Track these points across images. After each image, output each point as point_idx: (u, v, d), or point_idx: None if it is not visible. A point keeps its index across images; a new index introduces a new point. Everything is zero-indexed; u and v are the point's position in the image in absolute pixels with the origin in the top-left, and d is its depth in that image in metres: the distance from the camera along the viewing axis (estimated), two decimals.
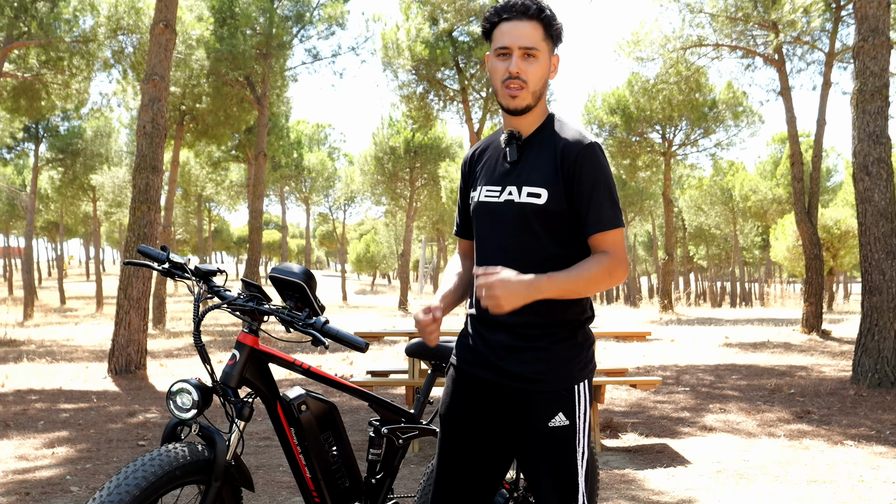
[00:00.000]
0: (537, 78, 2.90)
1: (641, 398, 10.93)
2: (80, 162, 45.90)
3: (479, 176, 3.12)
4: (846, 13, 21.79)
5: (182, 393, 3.09)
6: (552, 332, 2.91)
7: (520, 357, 2.91)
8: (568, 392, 2.91)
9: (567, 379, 2.91)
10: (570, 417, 2.90)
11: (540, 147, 2.95)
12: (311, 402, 3.43)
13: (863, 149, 11.55)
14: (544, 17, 2.90)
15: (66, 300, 58.69)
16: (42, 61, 25.28)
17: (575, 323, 2.95)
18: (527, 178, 2.92)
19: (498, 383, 2.96)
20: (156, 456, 2.88)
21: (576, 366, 2.93)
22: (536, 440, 2.90)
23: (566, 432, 2.90)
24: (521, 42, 2.87)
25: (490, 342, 2.97)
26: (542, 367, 2.89)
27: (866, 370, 11.32)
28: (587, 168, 2.85)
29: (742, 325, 25.55)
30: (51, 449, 7.96)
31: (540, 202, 2.87)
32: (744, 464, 7.09)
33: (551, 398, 2.89)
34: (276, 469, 7.02)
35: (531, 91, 2.91)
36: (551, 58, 2.96)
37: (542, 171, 2.90)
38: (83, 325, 31.35)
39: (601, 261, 2.82)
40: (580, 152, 2.86)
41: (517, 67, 2.87)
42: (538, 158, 2.93)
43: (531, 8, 2.88)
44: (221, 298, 3.31)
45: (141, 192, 13.44)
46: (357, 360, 15.57)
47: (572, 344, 2.94)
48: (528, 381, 2.90)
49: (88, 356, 17.28)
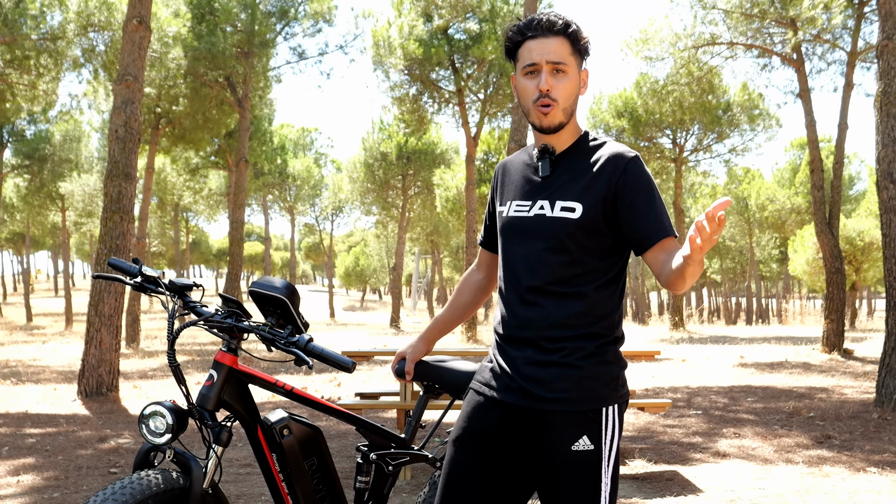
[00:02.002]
0: (567, 94, 3.00)
1: (650, 422, 10.93)
2: (48, 168, 45.85)
3: (508, 191, 3.21)
4: (869, 9, 21.83)
5: (155, 416, 3.10)
6: (580, 346, 2.94)
7: (543, 374, 2.94)
8: (594, 414, 2.92)
9: (594, 400, 2.93)
10: (596, 442, 2.91)
11: (574, 163, 3.04)
12: (295, 426, 3.43)
13: (887, 154, 11.56)
14: (571, 33, 2.99)
15: (32, 317, 58.51)
16: (7, 60, 25.26)
17: (605, 339, 2.99)
18: (560, 192, 3.01)
19: (519, 405, 2.98)
20: (127, 484, 2.88)
21: (604, 387, 2.96)
22: (557, 464, 2.90)
23: (590, 458, 2.90)
24: (550, 57, 2.97)
25: (514, 359, 3.02)
26: (568, 385, 2.91)
27: (891, 392, 11.32)
28: (639, 179, 2.95)
29: (758, 344, 25.55)
30: (16, 477, 7.95)
31: (574, 216, 2.94)
32: (759, 492, 7.09)
33: (576, 419, 2.90)
34: (257, 498, 7.01)
35: (562, 108, 3.00)
36: (580, 73, 3.05)
37: (577, 185, 2.98)
38: (51, 343, 31.28)
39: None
40: (627, 164, 2.96)
41: (547, 84, 2.96)
42: (572, 173, 3.02)
43: (557, 24, 2.98)
44: (198, 315, 3.32)
45: (113, 200, 13.43)
46: (345, 382, 15.57)
47: (601, 361, 2.96)
48: (552, 401, 2.92)
49: (57, 377, 17.26)
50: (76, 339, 32.53)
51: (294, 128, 70.50)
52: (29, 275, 68.05)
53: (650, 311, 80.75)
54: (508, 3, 30.89)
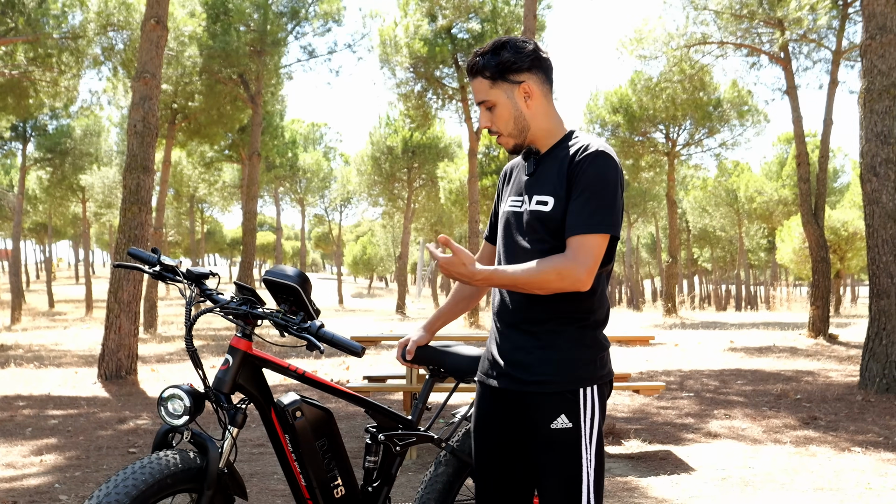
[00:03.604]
0: (503, 122, 3.12)
1: (644, 404, 10.93)
2: (69, 162, 45.83)
3: (508, 189, 3.33)
4: (853, 10, 21.78)
5: (173, 399, 3.09)
6: (560, 331, 3.01)
7: (526, 359, 3.03)
8: (572, 394, 2.98)
9: (572, 381, 2.99)
10: (574, 420, 2.97)
11: (553, 160, 3.10)
12: (306, 408, 3.43)
13: (870, 149, 11.55)
14: (483, 70, 3.08)
15: (54, 304, 58.59)
16: (30, 58, 25.24)
17: (584, 322, 3.03)
18: (538, 187, 3.09)
19: (508, 390, 3.09)
20: (146, 464, 2.88)
21: (583, 368, 3.01)
22: (539, 443, 3.01)
23: (569, 435, 2.96)
24: (477, 97, 3.13)
25: (501, 346, 3.14)
26: (547, 368, 2.99)
27: (874, 375, 11.33)
28: (586, 173, 2.96)
29: (747, 329, 25.53)
30: (39, 456, 7.95)
31: (546, 209, 3.02)
32: (749, 471, 7.09)
33: (554, 400, 2.98)
34: (270, 477, 7.01)
35: (507, 134, 3.14)
36: (515, 92, 3.10)
37: (551, 180, 3.05)
38: (72, 329, 31.31)
39: (554, 261, 2.90)
40: (584, 157, 2.98)
41: (483, 122, 3.16)
42: (549, 170, 3.09)
43: (473, 68, 3.12)
44: (214, 302, 3.31)
45: (132, 192, 13.42)
46: (354, 366, 15.57)
47: (580, 345, 3.02)
48: (533, 383, 3.01)
49: (78, 361, 17.27)
50: (96, 325, 32.55)
51: (304, 123, 70.41)
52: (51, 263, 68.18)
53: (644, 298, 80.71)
54: (509, 3, 30.86)
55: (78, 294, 71.90)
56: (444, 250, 2.94)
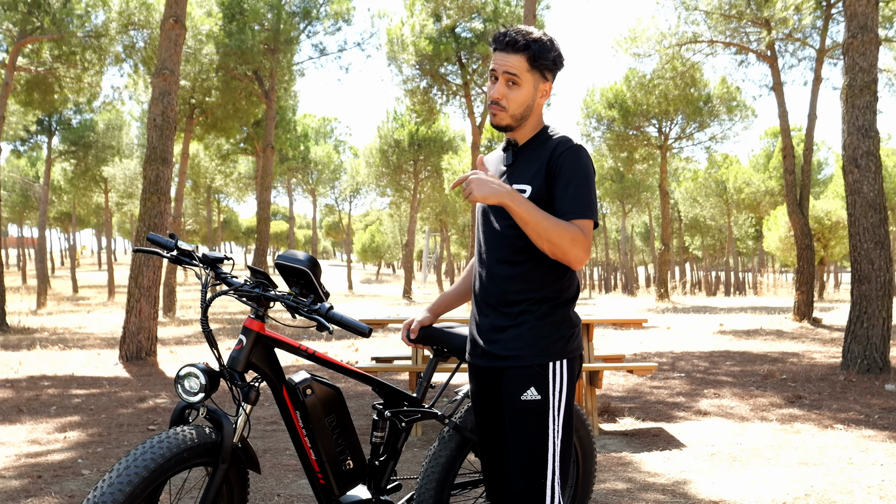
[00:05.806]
0: (517, 103, 3.08)
1: (638, 383, 10.92)
2: (92, 154, 45.92)
3: None
4: (836, 11, 21.74)
5: (190, 377, 3.09)
6: (533, 309, 3.06)
7: (501, 336, 3.10)
8: (541, 368, 3.03)
9: (542, 355, 3.04)
10: (543, 393, 3.02)
11: (531, 152, 3.15)
12: (316, 386, 3.42)
13: (852, 142, 11.52)
14: (531, 51, 3.04)
15: (78, 289, 58.71)
16: (55, 56, 25.25)
17: (555, 301, 3.08)
18: (517, 176, 3.14)
19: (487, 367, 3.19)
20: (164, 438, 2.87)
21: (552, 343, 3.05)
22: (510, 414, 3.06)
23: (537, 406, 3.01)
24: (506, 68, 3.05)
25: (480, 326, 3.21)
26: (519, 343, 3.05)
27: (855, 356, 11.31)
28: (570, 163, 3.00)
29: (736, 314, 25.53)
30: (63, 433, 7.96)
31: (524, 196, 3.01)
32: (737, 447, 7.08)
33: (524, 373, 3.03)
34: (282, 452, 7.02)
35: (511, 114, 3.10)
36: (540, 85, 3.11)
37: (530, 171, 3.09)
38: (95, 313, 31.37)
39: (571, 228, 2.91)
40: (565, 151, 3.03)
41: (498, 93, 3.07)
42: (528, 161, 3.13)
43: (518, 43, 3.04)
44: (228, 285, 3.31)
45: (151, 183, 13.43)
46: (362, 347, 15.58)
47: (550, 322, 3.07)
48: (506, 358, 3.07)
49: (100, 343, 17.30)
50: (118, 309, 32.59)
51: (316, 117, 70.40)
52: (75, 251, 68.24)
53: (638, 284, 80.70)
54: (510, 4, 30.82)
55: (101, 280, 72.07)
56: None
